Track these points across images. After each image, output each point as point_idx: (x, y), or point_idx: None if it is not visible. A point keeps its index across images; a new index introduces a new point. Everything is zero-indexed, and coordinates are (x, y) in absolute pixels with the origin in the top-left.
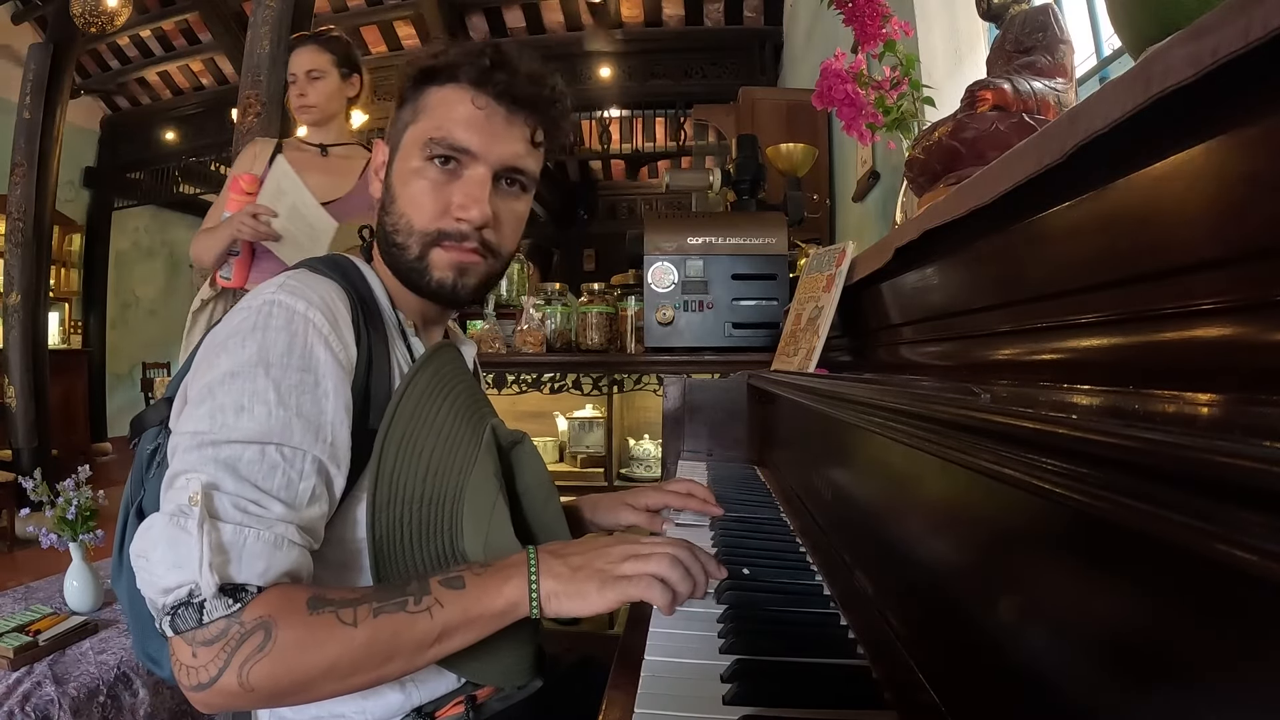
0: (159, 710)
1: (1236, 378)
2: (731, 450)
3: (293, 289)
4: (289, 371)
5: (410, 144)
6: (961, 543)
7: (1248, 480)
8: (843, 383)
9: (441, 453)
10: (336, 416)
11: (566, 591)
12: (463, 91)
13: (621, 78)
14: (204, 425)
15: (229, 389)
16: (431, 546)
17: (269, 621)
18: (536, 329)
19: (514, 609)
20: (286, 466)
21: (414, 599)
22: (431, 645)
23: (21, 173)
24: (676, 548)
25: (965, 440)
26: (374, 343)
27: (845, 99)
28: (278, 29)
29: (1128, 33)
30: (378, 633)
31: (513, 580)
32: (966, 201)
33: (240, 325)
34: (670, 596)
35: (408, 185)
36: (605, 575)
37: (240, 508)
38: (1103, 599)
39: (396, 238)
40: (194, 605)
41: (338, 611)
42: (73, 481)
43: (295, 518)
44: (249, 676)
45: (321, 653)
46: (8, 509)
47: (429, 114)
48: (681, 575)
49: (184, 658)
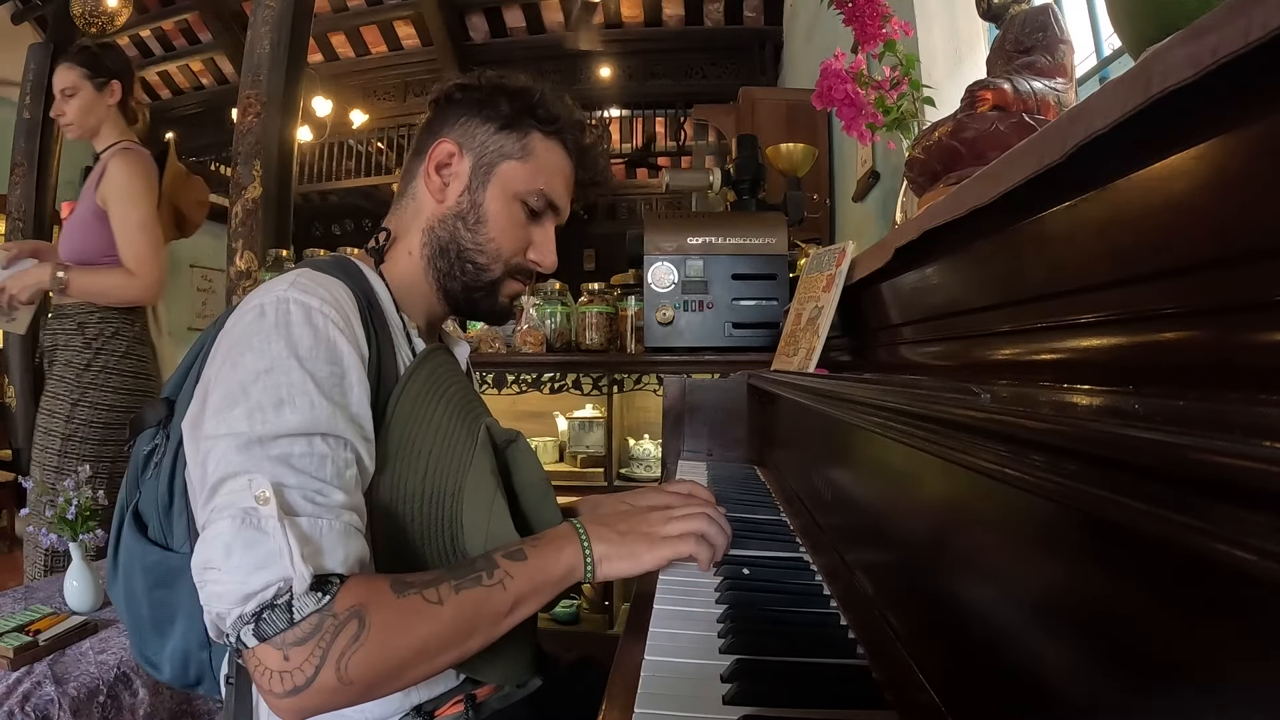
0: (159, 710)
1: (1236, 378)
2: (731, 450)
3: (304, 286)
4: (319, 364)
5: (513, 178)
6: (961, 543)
7: (1248, 480)
8: (843, 383)
9: (440, 452)
10: (362, 408)
11: (619, 554)
12: (564, 155)
13: (621, 78)
14: (242, 425)
15: (264, 385)
16: (433, 546)
17: (361, 609)
18: (536, 329)
19: (571, 574)
20: (334, 455)
21: (486, 573)
22: (506, 615)
23: (21, 173)
24: (705, 506)
25: (965, 440)
26: (381, 341)
27: (845, 99)
28: (278, 29)
29: (1128, 33)
30: (461, 608)
31: (567, 549)
32: (966, 201)
33: (259, 323)
34: (710, 551)
35: (502, 215)
36: (652, 537)
37: (309, 499)
38: (1102, 599)
39: (479, 258)
40: (280, 606)
41: (423, 592)
42: (73, 481)
43: (353, 504)
44: (348, 669)
45: (414, 634)
46: (8, 509)
47: (537, 163)
48: (717, 531)
49: (273, 663)
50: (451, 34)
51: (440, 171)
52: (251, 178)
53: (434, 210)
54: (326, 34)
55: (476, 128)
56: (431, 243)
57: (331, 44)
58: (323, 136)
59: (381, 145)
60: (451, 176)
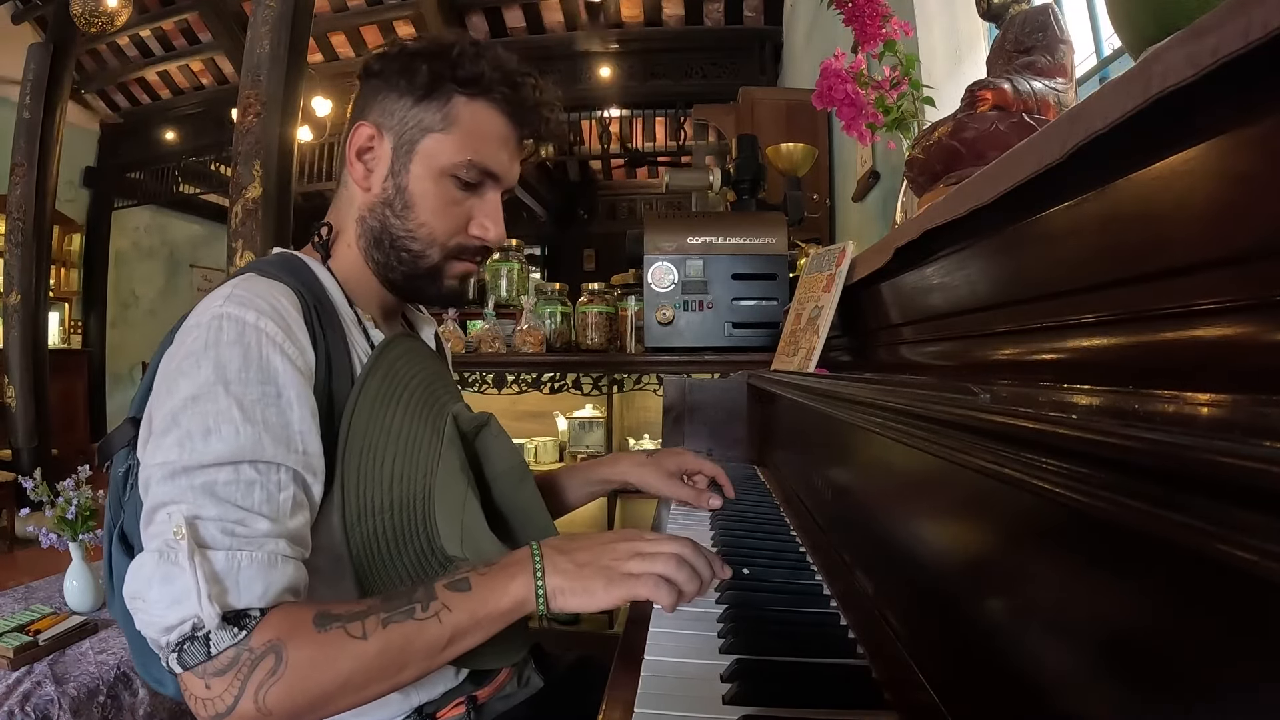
0: (158, 710)
1: (1237, 378)
2: (731, 450)
3: (240, 299)
4: (249, 386)
5: (435, 153)
6: (961, 543)
7: (1248, 480)
8: (843, 383)
9: (403, 459)
10: (304, 425)
11: (572, 588)
12: (494, 114)
13: (621, 78)
14: (173, 454)
15: (192, 413)
16: (410, 550)
17: (278, 644)
18: (536, 329)
19: (520, 606)
20: (263, 481)
21: (421, 605)
22: (443, 649)
23: (21, 173)
24: (682, 546)
25: (965, 440)
26: (331, 341)
27: (845, 99)
28: (278, 29)
29: (1128, 33)
30: (389, 643)
31: (518, 578)
32: (966, 201)
33: (193, 345)
34: (675, 596)
35: (429, 196)
36: (611, 572)
37: (227, 531)
38: (1102, 599)
39: (413, 245)
40: (199, 639)
41: (345, 626)
42: (73, 481)
43: (282, 531)
44: (266, 701)
45: (335, 669)
46: (8, 509)
47: (462, 130)
48: (688, 575)
49: (197, 691)
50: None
51: (362, 157)
52: (251, 178)
53: (363, 199)
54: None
55: (394, 104)
56: (365, 233)
57: (331, 44)
58: (323, 136)
59: None
60: (374, 161)
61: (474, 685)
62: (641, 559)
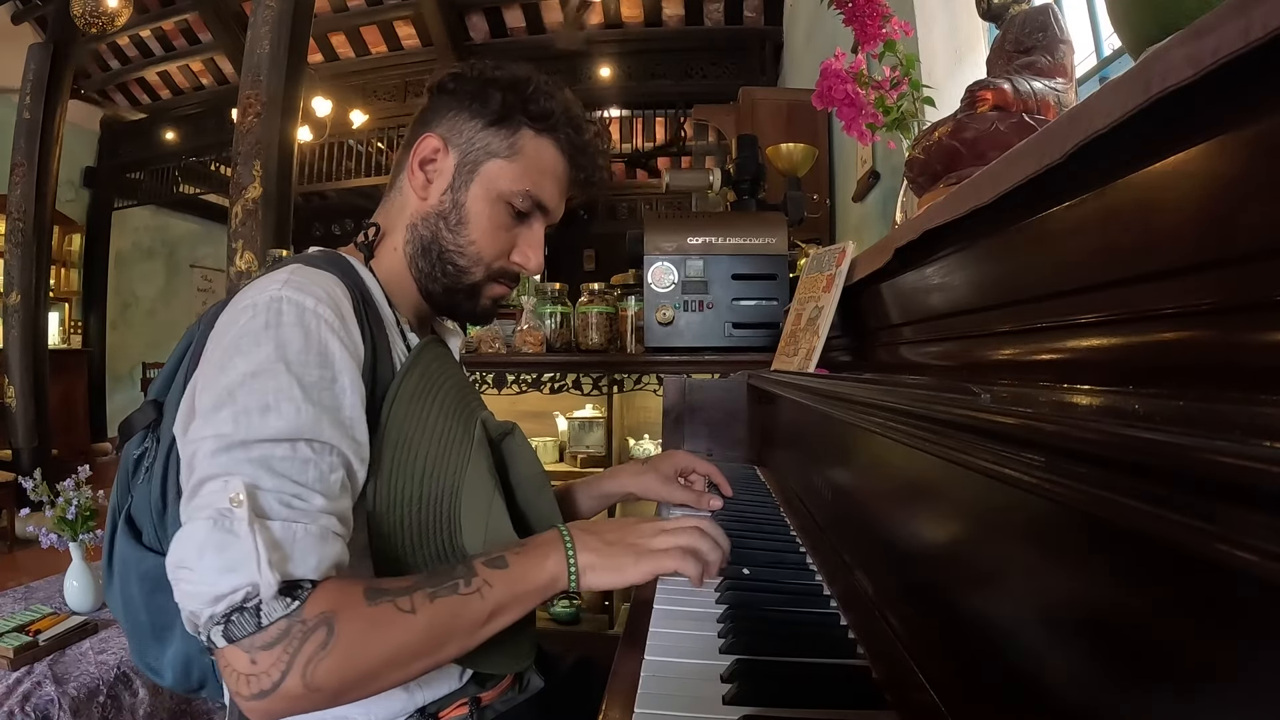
0: (159, 710)
1: (1236, 378)
2: (731, 450)
3: (298, 284)
4: (309, 368)
5: (497, 178)
6: (961, 543)
7: (1248, 480)
8: (843, 383)
9: (436, 454)
10: (355, 412)
11: (603, 564)
12: (556, 152)
13: (621, 78)
14: (227, 428)
15: (250, 389)
16: (431, 546)
17: (330, 616)
18: (536, 329)
19: (554, 583)
20: (318, 460)
21: (464, 581)
22: (484, 624)
23: (21, 173)
24: (701, 522)
25: (965, 440)
26: (376, 337)
27: (845, 99)
28: (278, 29)
29: (1128, 33)
30: (435, 618)
31: (551, 556)
32: (966, 201)
33: (250, 325)
34: (701, 568)
35: (484, 216)
36: (640, 549)
37: (285, 503)
38: (1102, 599)
39: (460, 259)
40: (249, 610)
41: (395, 600)
42: (73, 481)
43: (334, 509)
44: (314, 676)
45: (384, 643)
46: (8, 509)
47: (525, 161)
48: (710, 546)
49: (240, 666)
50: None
51: (424, 167)
52: (251, 178)
53: (417, 207)
54: (326, 34)
55: (464, 123)
56: (414, 240)
57: (331, 44)
58: (323, 136)
59: (381, 145)
60: (435, 173)
61: (478, 687)
62: (666, 535)
